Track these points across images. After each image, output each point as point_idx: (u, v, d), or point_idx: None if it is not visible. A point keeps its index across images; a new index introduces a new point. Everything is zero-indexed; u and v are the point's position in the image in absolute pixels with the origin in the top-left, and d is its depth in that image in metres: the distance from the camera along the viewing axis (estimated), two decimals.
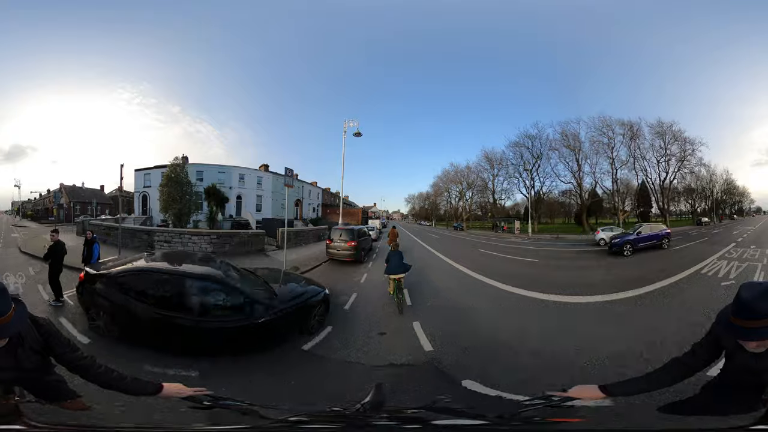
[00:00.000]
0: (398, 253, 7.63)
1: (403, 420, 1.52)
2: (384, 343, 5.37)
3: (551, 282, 9.63)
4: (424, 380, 4.19)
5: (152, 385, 1.70)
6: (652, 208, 43.76)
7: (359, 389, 3.69)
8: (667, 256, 14.42)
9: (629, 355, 4.43)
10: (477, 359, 4.66)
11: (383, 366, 4.55)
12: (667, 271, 10.18)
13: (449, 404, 1.86)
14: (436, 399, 1.81)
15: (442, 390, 3.82)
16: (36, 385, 1.78)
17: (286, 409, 1.72)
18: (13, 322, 1.56)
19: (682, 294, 7.78)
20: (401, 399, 3.36)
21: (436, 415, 1.54)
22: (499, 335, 5.71)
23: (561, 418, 1.54)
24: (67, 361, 1.77)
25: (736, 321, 1.46)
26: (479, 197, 58.34)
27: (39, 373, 1.78)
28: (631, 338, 5.19)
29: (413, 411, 1.60)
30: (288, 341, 5.22)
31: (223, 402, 1.66)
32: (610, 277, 10.72)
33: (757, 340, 1.43)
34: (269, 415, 1.55)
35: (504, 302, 7.89)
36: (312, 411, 1.65)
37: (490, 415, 1.54)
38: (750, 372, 1.53)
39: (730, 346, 1.60)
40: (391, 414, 1.58)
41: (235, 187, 35.27)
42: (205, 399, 1.64)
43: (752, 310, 1.40)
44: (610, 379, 1.76)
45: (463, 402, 2.97)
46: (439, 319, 6.42)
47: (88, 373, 1.74)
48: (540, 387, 2.06)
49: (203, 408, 1.59)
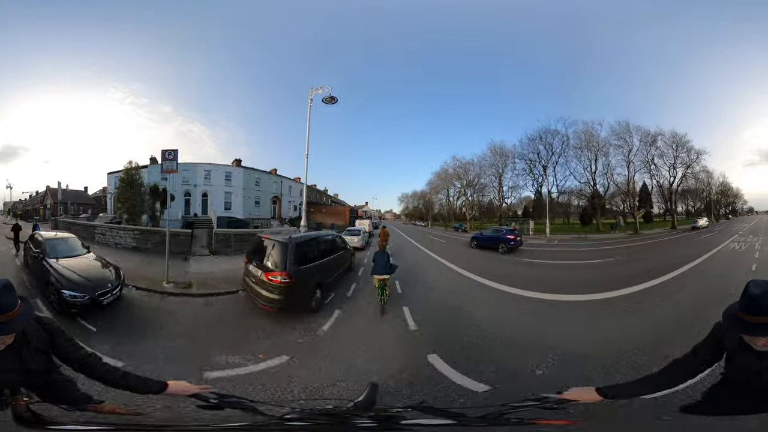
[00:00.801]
0: (384, 253, 7.33)
1: (383, 419, 1.53)
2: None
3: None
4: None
5: (157, 384, 1.66)
6: (653, 208, 46.39)
7: (358, 387, 3.67)
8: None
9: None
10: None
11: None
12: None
13: (434, 404, 2.33)
14: (423, 399, 2.31)
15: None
16: (43, 386, 1.76)
17: (288, 407, 1.66)
18: (19, 318, 1.56)
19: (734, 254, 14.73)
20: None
21: (419, 414, 1.59)
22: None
23: (551, 420, 1.51)
24: (71, 360, 1.75)
25: (744, 317, 1.46)
26: (478, 196, 53.24)
27: (45, 373, 1.76)
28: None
29: (398, 410, 1.66)
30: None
31: (228, 399, 1.67)
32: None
33: (766, 335, 1.43)
34: (271, 413, 1.57)
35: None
36: (310, 408, 1.64)
37: (471, 415, 1.53)
38: (753, 373, 1.53)
39: (732, 346, 1.60)
40: (376, 414, 1.59)
41: (200, 185, 33.80)
42: (211, 397, 1.63)
43: (761, 306, 1.41)
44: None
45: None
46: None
47: (93, 372, 1.72)
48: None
49: (210, 406, 1.57)
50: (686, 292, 7.84)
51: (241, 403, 1.64)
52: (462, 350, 4.69)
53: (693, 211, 52.06)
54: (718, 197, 56.80)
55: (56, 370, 1.83)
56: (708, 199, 52.57)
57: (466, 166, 51.67)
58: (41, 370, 1.72)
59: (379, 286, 6.79)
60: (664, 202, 44.17)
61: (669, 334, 5.09)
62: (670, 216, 42.80)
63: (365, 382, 2.47)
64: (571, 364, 4.19)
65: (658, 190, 42.40)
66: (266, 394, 3.61)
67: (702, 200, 52.76)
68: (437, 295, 8.32)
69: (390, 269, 6.99)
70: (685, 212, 53.00)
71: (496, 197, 50.35)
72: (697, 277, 9.84)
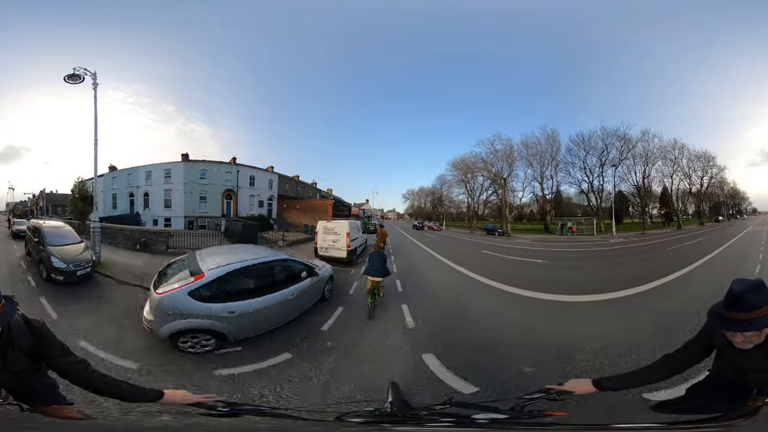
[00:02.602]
0: (380, 254, 6.83)
1: (438, 415, 1.55)
2: None
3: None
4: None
5: (152, 392, 1.60)
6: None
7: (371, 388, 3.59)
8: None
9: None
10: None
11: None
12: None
13: (465, 399, 2.51)
14: (452, 396, 2.33)
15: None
16: (24, 388, 1.73)
17: (311, 410, 1.73)
18: (2, 316, 1.54)
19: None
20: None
21: (458, 410, 1.62)
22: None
23: (553, 411, 1.60)
24: (58, 365, 1.71)
25: (726, 314, 1.51)
26: (501, 192, 44.80)
27: (28, 376, 1.73)
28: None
29: (440, 406, 1.64)
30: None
31: (240, 407, 1.61)
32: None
33: (743, 331, 1.46)
34: (292, 415, 1.53)
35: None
36: (338, 411, 1.61)
37: (503, 408, 1.58)
38: (737, 371, 1.59)
39: (721, 343, 1.65)
40: (421, 410, 1.63)
41: (142, 186, 33.56)
42: (219, 405, 1.55)
43: (741, 303, 1.46)
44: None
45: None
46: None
47: (81, 378, 1.67)
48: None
49: (218, 415, 1.49)
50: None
51: (254, 409, 1.65)
52: None
53: (707, 212, 55.62)
54: (727, 200, 60.21)
55: (41, 372, 1.80)
56: (719, 201, 57.09)
57: (501, 153, 42.51)
58: (24, 372, 1.69)
59: (371, 288, 6.34)
60: (697, 204, 50.76)
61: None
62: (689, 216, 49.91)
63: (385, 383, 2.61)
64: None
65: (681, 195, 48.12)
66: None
67: (710, 201, 56.14)
68: None
69: (385, 272, 6.61)
70: (697, 213, 56.55)
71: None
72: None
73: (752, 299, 1.43)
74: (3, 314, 1.53)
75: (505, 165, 43.56)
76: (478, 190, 50.34)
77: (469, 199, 52.48)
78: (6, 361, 1.59)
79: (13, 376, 1.63)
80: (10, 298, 1.63)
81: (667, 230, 38.38)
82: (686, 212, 50.08)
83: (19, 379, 1.66)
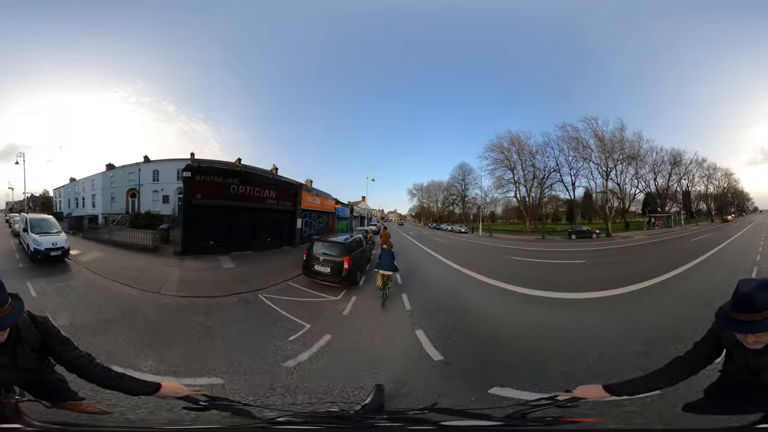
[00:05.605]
0: (390, 252, 7.85)
1: (408, 421, 1.50)
2: None
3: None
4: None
5: (151, 385, 1.66)
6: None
7: (358, 388, 3.56)
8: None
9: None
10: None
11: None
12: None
13: (452, 405, 2.15)
14: (436, 401, 2.14)
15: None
16: (36, 384, 1.76)
17: (279, 410, 1.67)
18: (9, 315, 1.54)
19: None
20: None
21: (440, 416, 1.53)
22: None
23: (571, 417, 1.52)
24: (65, 360, 1.73)
25: (735, 315, 1.48)
26: (547, 189, 39.13)
27: (38, 372, 1.75)
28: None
29: (416, 412, 1.59)
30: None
31: (218, 402, 1.63)
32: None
33: (754, 332, 1.43)
34: (263, 415, 1.53)
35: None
36: (311, 411, 1.68)
37: (497, 415, 1.50)
38: (750, 371, 1.55)
39: (730, 344, 1.61)
40: (393, 415, 1.59)
41: (80, 194, 41.81)
42: (201, 399, 1.59)
43: (750, 304, 1.42)
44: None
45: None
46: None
47: (86, 372, 1.69)
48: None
49: (198, 409, 1.53)
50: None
51: (231, 406, 1.64)
52: None
53: (714, 211, 60.27)
54: (731, 199, 63.35)
55: (49, 368, 1.83)
56: (724, 200, 60.55)
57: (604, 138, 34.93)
58: (34, 369, 1.70)
59: (383, 281, 7.44)
60: (707, 204, 58.83)
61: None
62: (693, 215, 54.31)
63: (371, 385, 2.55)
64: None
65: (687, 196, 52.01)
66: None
67: (716, 201, 60.15)
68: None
69: (394, 267, 7.64)
70: (708, 212, 60.66)
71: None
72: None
73: (761, 299, 1.40)
74: (12, 313, 1.54)
75: (601, 153, 36.14)
76: (536, 179, 39.12)
77: (517, 192, 41.60)
78: (17, 359, 1.61)
79: (25, 374, 1.66)
80: (16, 296, 1.62)
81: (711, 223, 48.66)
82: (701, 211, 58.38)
83: (32, 376, 1.70)
